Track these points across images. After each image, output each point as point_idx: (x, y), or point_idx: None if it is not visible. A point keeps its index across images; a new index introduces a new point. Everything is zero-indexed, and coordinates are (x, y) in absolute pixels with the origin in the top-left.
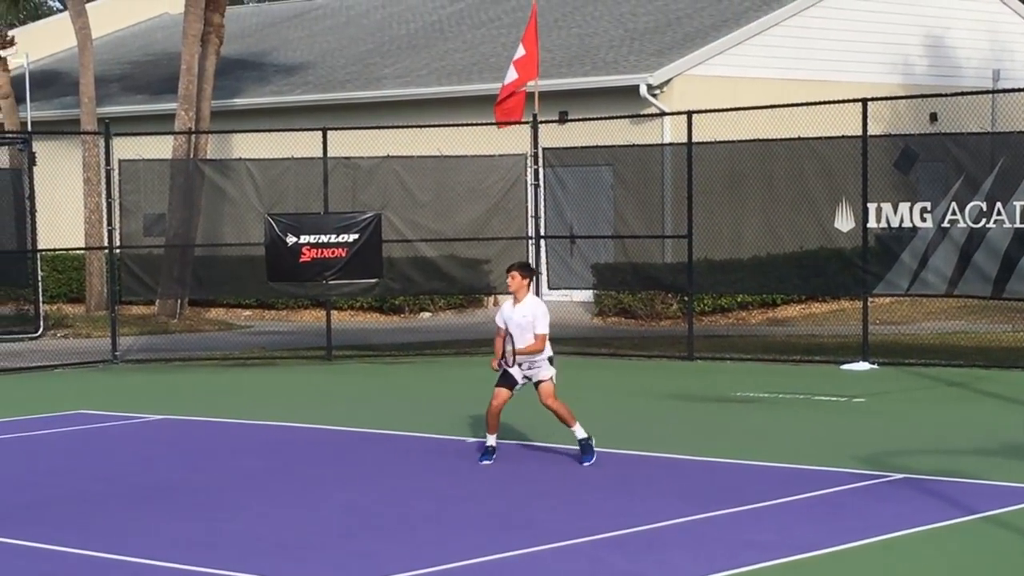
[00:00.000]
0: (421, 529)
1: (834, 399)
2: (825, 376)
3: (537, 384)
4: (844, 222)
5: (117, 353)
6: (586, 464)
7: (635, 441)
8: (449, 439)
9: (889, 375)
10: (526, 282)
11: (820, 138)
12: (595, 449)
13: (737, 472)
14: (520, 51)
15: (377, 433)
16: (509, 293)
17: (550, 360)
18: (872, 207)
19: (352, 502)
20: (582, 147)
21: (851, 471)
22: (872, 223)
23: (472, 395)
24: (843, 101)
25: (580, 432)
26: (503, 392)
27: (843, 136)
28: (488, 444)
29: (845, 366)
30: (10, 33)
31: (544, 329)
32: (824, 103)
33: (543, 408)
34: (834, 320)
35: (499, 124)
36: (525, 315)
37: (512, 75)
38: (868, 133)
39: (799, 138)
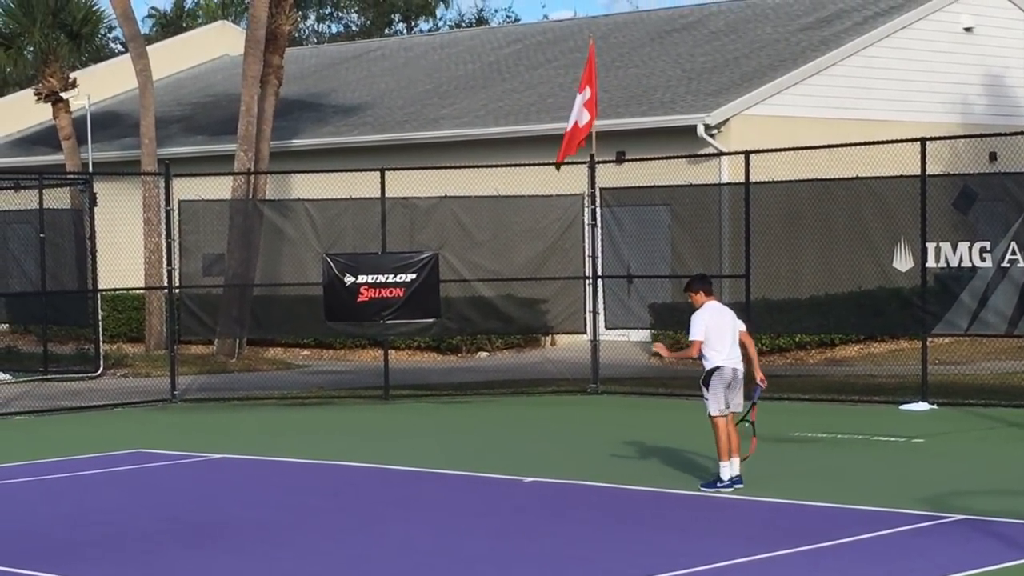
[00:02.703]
0: (478, 567)
1: (893, 440)
2: (884, 416)
3: None
4: (903, 262)
5: (176, 392)
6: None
7: (693, 482)
8: (506, 478)
9: (949, 415)
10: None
11: (878, 178)
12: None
13: (795, 513)
14: (587, 92)
15: (434, 472)
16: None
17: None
18: (931, 247)
19: (409, 540)
20: (639, 187)
21: (910, 512)
22: (931, 263)
23: (528, 435)
24: (901, 140)
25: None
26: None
27: (902, 176)
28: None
29: (904, 406)
30: (72, 75)
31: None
32: (882, 143)
33: (599, 447)
34: (893, 360)
35: (558, 164)
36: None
37: (586, 116)
38: (927, 173)
39: (857, 178)
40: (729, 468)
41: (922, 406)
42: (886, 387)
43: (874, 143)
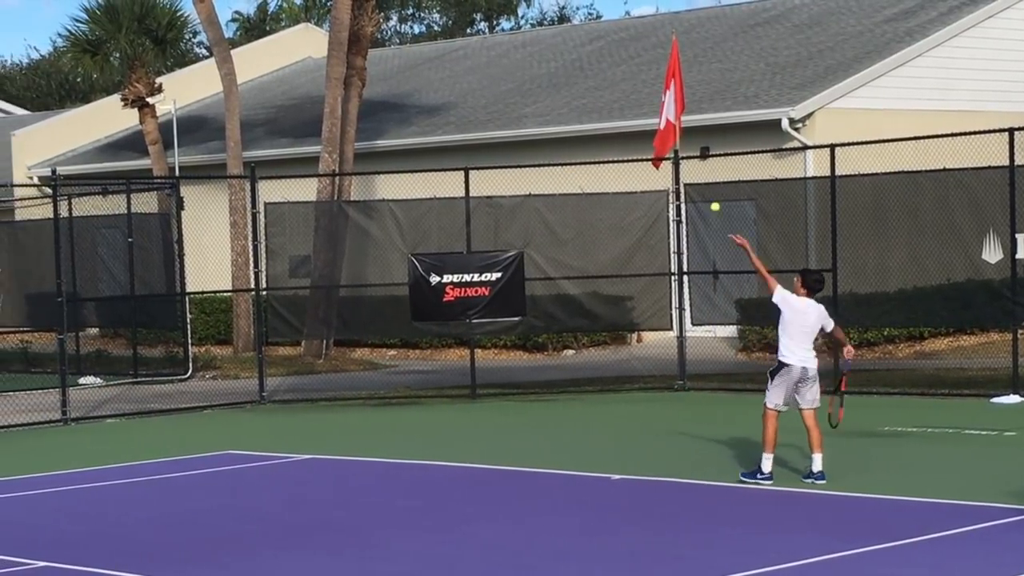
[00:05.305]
0: (566, 564)
1: (984, 433)
2: (975, 410)
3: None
4: (992, 253)
5: (264, 394)
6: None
7: (781, 476)
8: (593, 476)
9: None
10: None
11: (966, 169)
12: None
13: (886, 507)
14: (673, 88)
15: (522, 471)
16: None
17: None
18: (1021, 238)
19: (498, 539)
20: (724, 182)
21: (1004, 506)
22: (1021, 254)
23: (616, 432)
24: (989, 131)
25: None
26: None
27: (989, 166)
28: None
29: (995, 399)
30: (158, 80)
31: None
32: (970, 133)
33: (687, 444)
34: (983, 353)
35: (656, 163)
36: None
37: (673, 112)
38: (1015, 163)
39: (944, 169)
40: (770, 461)
41: (1014, 399)
42: (977, 380)
43: (961, 134)
